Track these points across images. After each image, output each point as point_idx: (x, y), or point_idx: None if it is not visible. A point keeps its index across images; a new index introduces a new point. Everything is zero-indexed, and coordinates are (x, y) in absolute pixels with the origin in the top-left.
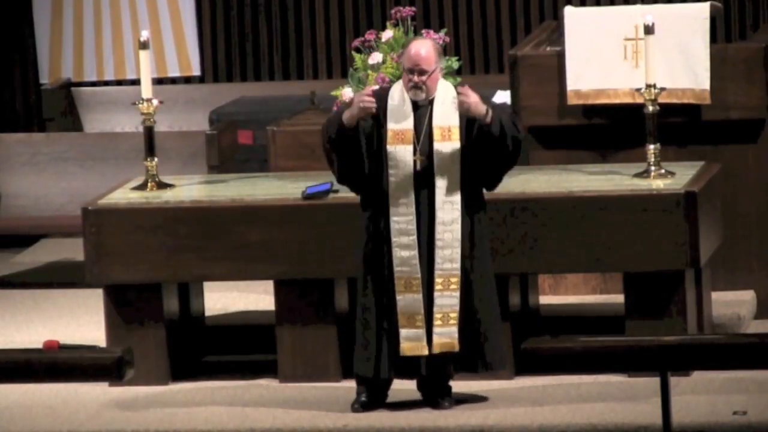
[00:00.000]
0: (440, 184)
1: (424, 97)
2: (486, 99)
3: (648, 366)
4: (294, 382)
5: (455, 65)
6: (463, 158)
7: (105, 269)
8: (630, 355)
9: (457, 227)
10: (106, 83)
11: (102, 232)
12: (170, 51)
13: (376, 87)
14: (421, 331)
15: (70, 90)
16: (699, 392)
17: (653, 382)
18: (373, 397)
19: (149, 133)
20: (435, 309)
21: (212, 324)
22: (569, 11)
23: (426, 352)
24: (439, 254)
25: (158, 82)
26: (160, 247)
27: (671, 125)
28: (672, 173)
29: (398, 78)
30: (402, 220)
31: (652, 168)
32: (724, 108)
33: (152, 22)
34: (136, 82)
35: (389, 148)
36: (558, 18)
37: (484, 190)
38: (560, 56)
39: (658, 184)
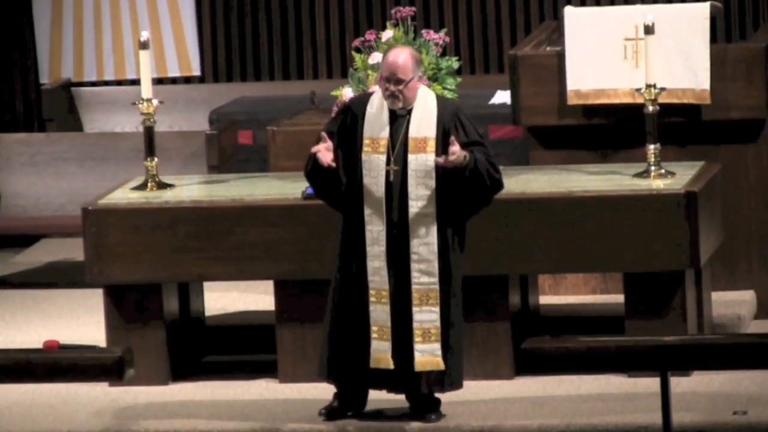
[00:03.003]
0: (414, 195)
1: (401, 106)
2: (465, 123)
3: (648, 366)
4: (294, 382)
5: (455, 65)
6: (438, 171)
7: (105, 269)
8: (630, 355)
9: (433, 240)
10: (106, 83)
11: (102, 232)
12: (170, 51)
13: (354, 96)
14: (387, 344)
15: (70, 90)
16: (699, 392)
17: (653, 382)
18: (346, 403)
19: (149, 133)
20: (414, 325)
21: (212, 324)
22: (569, 11)
23: (391, 366)
24: (415, 268)
25: (158, 82)
26: (160, 247)
27: (671, 125)
28: (672, 173)
29: None
30: (374, 229)
31: (652, 168)
32: (724, 108)
33: (152, 22)
34: (136, 82)
35: (363, 156)
36: (558, 18)
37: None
38: (560, 56)
39: (658, 184)
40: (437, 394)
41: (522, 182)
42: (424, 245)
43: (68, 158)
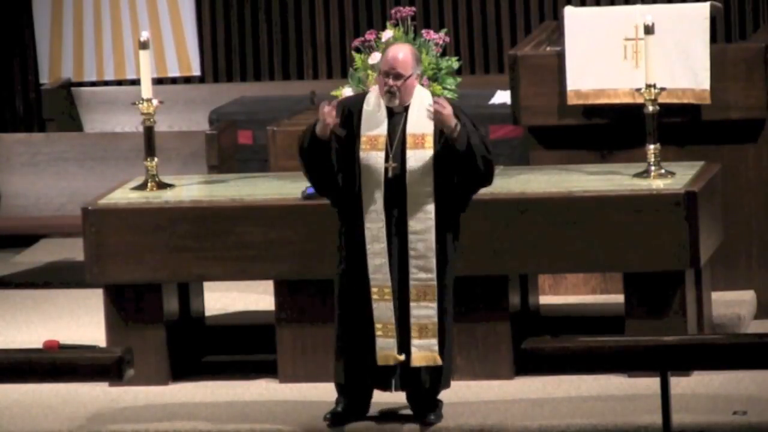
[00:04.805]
0: (412, 192)
1: (398, 103)
2: (460, 115)
3: (648, 366)
4: (294, 382)
5: (455, 65)
6: (436, 167)
7: (105, 269)
8: (630, 355)
9: (431, 237)
10: (106, 83)
11: (102, 232)
12: (170, 51)
13: (349, 95)
14: (392, 341)
15: (70, 90)
16: (699, 392)
17: (653, 382)
18: (351, 409)
19: (149, 133)
20: (411, 320)
21: (212, 324)
22: (569, 11)
23: (400, 359)
24: (413, 264)
25: (158, 82)
26: (160, 247)
27: (671, 125)
28: (672, 173)
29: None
30: (373, 227)
31: (652, 168)
32: (724, 108)
33: (152, 22)
34: (136, 82)
35: (361, 154)
36: (558, 18)
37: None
38: (560, 56)
39: (658, 184)
40: (439, 395)
41: (522, 182)
42: (422, 241)
43: (68, 158)
